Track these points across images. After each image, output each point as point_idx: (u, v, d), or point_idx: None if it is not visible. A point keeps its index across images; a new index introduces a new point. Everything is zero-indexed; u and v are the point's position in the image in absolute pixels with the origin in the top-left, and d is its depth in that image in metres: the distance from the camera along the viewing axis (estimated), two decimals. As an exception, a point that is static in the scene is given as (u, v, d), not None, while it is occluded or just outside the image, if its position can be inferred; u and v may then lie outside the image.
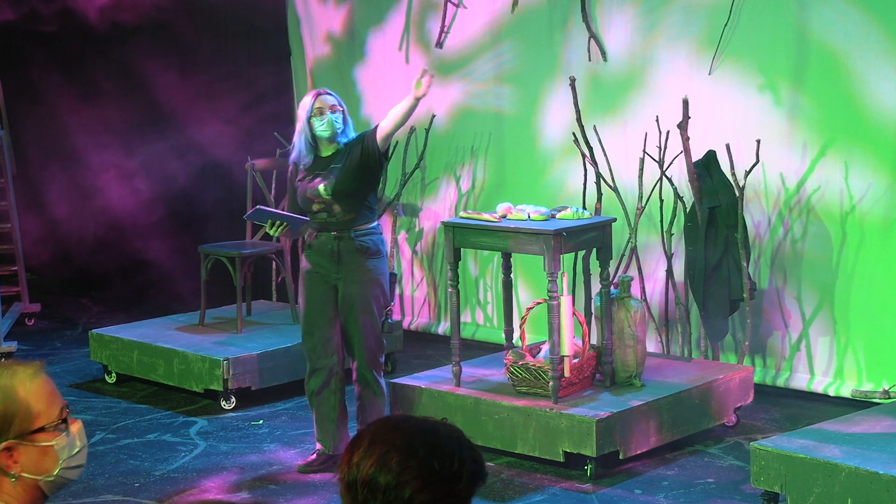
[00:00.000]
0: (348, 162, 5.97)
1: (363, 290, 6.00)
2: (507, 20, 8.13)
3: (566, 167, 7.89)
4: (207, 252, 7.86)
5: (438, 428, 2.18)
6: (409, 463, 2.10)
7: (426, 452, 2.12)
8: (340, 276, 6.01)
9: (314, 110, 5.99)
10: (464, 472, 2.14)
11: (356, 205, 5.98)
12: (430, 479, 2.11)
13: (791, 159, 7.08)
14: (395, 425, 2.17)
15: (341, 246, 5.99)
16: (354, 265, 5.99)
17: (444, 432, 2.18)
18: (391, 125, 5.98)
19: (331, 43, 9.12)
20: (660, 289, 7.42)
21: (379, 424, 2.20)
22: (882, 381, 6.80)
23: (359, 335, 6.04)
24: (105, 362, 7.80)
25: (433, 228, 8.64)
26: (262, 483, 6.10)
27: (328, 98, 6.03)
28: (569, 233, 6.17)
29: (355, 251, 5.98)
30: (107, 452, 6.52)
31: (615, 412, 6.06)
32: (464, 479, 2.13)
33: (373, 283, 6.01)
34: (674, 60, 7.44)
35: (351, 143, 6.05)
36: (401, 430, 2.15)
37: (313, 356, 6.12)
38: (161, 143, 9.63)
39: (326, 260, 6.02)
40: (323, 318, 6.07)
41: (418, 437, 2.14)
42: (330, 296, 6.06)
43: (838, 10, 6.85)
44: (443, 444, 2.15)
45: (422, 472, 2.11)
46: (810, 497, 5.27)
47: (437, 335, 8.58)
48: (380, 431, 2.16)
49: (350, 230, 5.98)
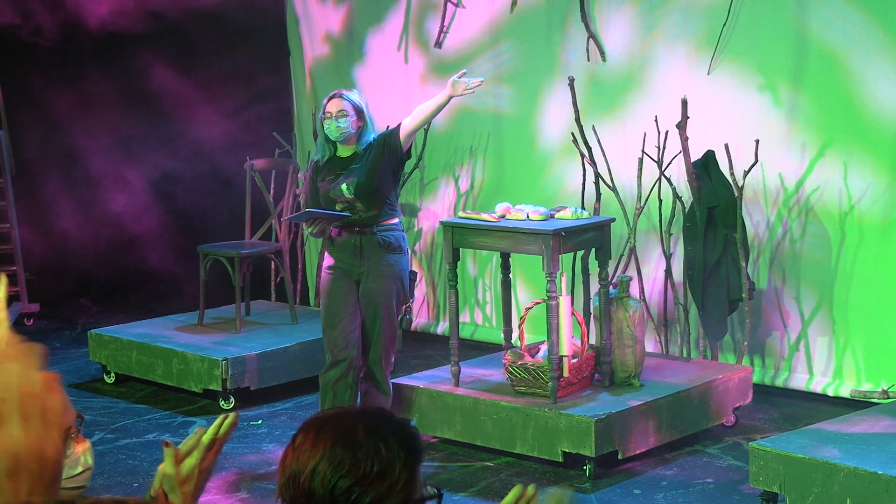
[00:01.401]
0: (369, 160, 6.07)
1: (384, 284, 6.11)
2: (506, 20, 8.13)
3: (565, 167, 7.89)
4: (206, 252, 7.86)
5: (357, 426, 2.20)
6: (341, 471, 2.15)
7: (351, 457, 2.16)
8: (363, 269, 6.12)
9: (325, 112, 6.13)
10: (396, 459, 2.17)
11: (378, 202, 6.10)
12: (364, 480, 2.15)
13: (790, 159, 7.08)
14: (316, 435, 2.19)
15: (364, 241, 6.10)
16: (376, 259, 6.11)
17: (364, 426, 2.20)
18: (416, 122, 6.10)
19: (330, 43, 9.12)
20: (659, 289, 7.42)
21: (303, 436, 2.21)
22: (881, 381, 6.80)
23: (375, 330, 6.16)
24: (104, 362, 7.80)
25: (432, 228, 8.63)
26: (261, 483, 6.10)
27: (340, 102, 6.11)
28: (568, 233, 6.17)
29: (377, 245, 6.09)
30: (106, 452, 6.52)
31: (614, 412, 6.06)
32: (398, 465, 2.17)
33: (393, 277, 6.13)
34: (673, 60, 7.44)
35: (372, 142, 6.13)
36: (321, 441, 2.18)
37: (334, 349, 6.20)
38: (160, 142, 9.63)
39: (349, 255, 6.13)
40: (344, 311, 6.17)
41: (338, 446, 2.17)
42: (352, 290, 6.17)
43: (837, 10, 6.85)
44: (363, 441, 2.18)
45: (356, 476, 2.15)
46: (809, 497, 5.27)
47: (436, 335, 8.58)
48: (305, 444, 2.20)
49: (373, 225, 6.10)
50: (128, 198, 9.90)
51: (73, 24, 9.39)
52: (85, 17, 9.24)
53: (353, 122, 6.09)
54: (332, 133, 6.09)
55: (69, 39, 9.52)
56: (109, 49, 9.57)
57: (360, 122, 6.12)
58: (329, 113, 6.09)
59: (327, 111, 6.11)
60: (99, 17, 9.19)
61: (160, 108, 9.65)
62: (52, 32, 9.45)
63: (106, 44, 9.49)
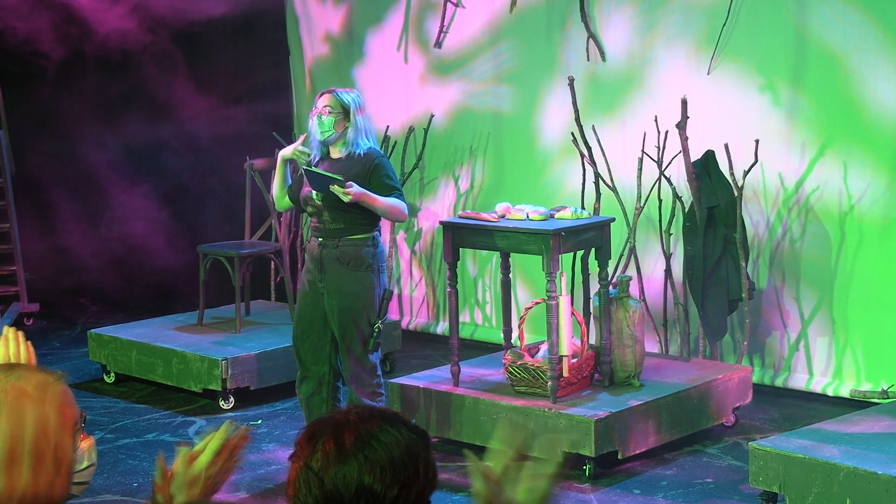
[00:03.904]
0: (349, 175, 5.72)
1: (342, 303, 5.81)
2: (506, 20, 8.13)
3: (565, 167, 7.89)
4: (206, 252, 7.86)
5: (373, 430, 2.21)
6: (385, 481, 2.17)
7: (389, 464, 2.18)
8: (324, 283, 5.86)
9: (314, 108, 5.87)
10: (420, 448, 2.22)
11: (345, 216, 5.78)
12: (406, 483, 2.19)
13: (790, 159, 7.08)
14: (339, 450, 2.19)
15: (324, 254, 5.83)
16: (336, 274, 5.81)
17: (378, 427, 2.21)
18: (371, 204, 5.73)
19: (329, 43, 9.12)
20: (658, 289, 7.42)
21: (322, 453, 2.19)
22: (880, 380, 6.80)
23: (341, 349, 5.90)
24: (104, 362, 7.80)
25: (432, 228, 8.63)
26: (261, 483, 6.10)
27: (328, 97, 5.83)
28: (567, 233, 6.17)
29: (336, 261, 5.80)
30: (105, 452, 6.52)
31: (614, 412, 6.06)
32: (423, 454, 2.22)
33: (352, 296, 5.79)
34: (672, 60, 7.44)
35: (362, 158, 5.81)
36: (349, 457, 2.18)
37: (302, 364, 6.01)
38: (160, 142, 9.63)
39: (315, 266, 5.89)
40: (312, 325, 5.94)
41: (395, 450, 2.19)
42: (319, 303, 5.91)
43: (837, 10, 6.85)
44: (404, 448, 2.21)
45: (398, 479, 2.18)
46: (809, 497, 5.27)
47: (435, 335, 8.58)
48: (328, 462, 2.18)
49: (336, 238, 5.82)
50: (128, 198, 9.90)
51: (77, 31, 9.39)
52: (88, 24, 9.24)
53: (337, 122, 5.79)
54: (317, 130, 5.79)
55: (71, 43, 9.52)
56: (109, 49, 9.57)
57: (346, 122, 5.79)
58: (317, 108, 5.83)
59: (316, 105, 5.84)
60: (101, 22, 9.20)
61: (160, 108, 9.64)
62: (56, 38, 9.44)
63: (106, 45, 9.48)
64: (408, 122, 8.58)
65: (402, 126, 8.59)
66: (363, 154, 5.81)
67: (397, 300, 8.82)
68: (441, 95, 8.46)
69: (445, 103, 8.47)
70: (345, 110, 5.81)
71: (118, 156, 9.85)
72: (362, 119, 5.85)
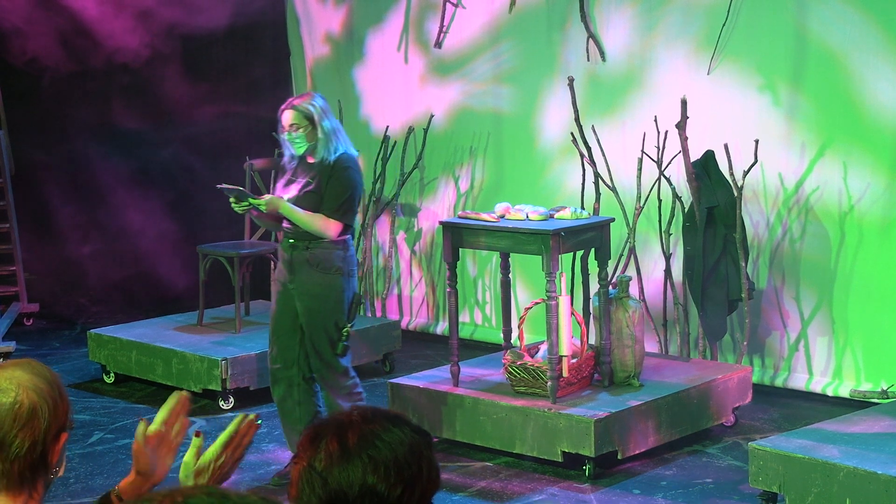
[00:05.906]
0: (318, 182, 5.77)
1: (311, 304, 5.82)
2: (506, 20, 8.13)
3: (564, 167, 7.89)
4: (206, 252, 7.86)
5: (376, 430, 2.20)
6: (389, 481, 2.16)
7: (394, 464, 2.16)
8: (293, 285, 5.87)
9: (280, 126, 5.85)
10: (423, 447, 2.20)
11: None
12: (409, 482, 2.18)
13: (789, 159, 7.09)
14: (342, 450, 2.18)
15: (294, 255, 5.84)
16: (305, 277, 5.82)
17: (381, 428, 2.20)
18: (290, 215, 5.80)
19: (330, 43, 9.12)
20: (658, 289, 7.42)
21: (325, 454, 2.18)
22: (880, 380, 6.80)
23: (310, 352, 5.90)
24: (103, 362, 7.80)
25: (431, 228, 8.63)
26: (261, 483, 6.10)
27: (290, 114, 5.79)
28: (567, 233, 6.17)
29: (305, 262, 5.80)
30: (105, 452, 6.52)
31: (613, 412, 6.06)
32: (425, 452, 2.20)
33: (320, 299, 5.81)
34: (672, 60, 7.44)
35: (329, 167, 5.78)
36: (353, 457, 2.17)
37: (272, 365, 6.01)
38: (160, 142, 9.62)
39: (285, 267, 5.91)
40: (282, 326, 5.95)
41: (376, 456, 2.17)
42: (290, 304, 5.91)
43: (837, 11, 6.85)
44: (406, 446, 2.19)
45: (402, 478, 2.17)
46: (808, 497, 5.27)
47: (435, 335, 8.58)
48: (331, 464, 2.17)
49: (306, 240, 5.81)
50: (128, 198, 9.90)
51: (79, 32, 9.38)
52: (90, 26, 9.24)
53: (309, 134, 5.76)
54: (293, 148, 5.80)
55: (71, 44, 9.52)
56: (110, 50, 9.56)
57: (316, 132, 5.77)
58: (283, 127, 5.81)
59: (282, 124, 5.82)
60: (103, 23, 9.19)
61: (160, 108, 9.64)
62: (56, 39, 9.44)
63: (107, 46, 9.48)
64: (408, 122, 8.58)
65: (402, 126, 8.59)
66: (332, 162, 5.79)
67: (396, 300, 8.82)
68: (441, 95, 8.46)
69: (445, 103, 8.47)
70: (310, 121, 5.78)
71: (118, 156, 9.85)
72: (328, 123, 5.81)
